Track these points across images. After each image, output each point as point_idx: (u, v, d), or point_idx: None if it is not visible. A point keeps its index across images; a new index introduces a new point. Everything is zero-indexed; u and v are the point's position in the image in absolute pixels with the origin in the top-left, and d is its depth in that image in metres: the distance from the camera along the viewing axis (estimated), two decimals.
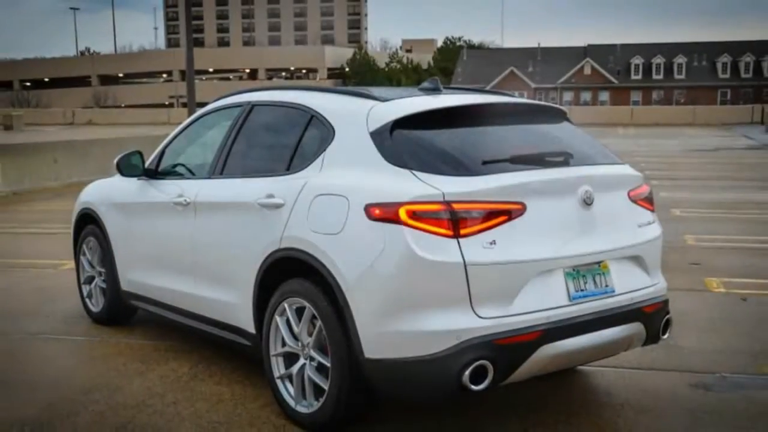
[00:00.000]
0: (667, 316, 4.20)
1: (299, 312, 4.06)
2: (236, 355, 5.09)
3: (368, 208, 3.68)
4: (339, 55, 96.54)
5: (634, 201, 4.22)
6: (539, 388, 4.56)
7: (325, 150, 4.16)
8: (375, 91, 4.37)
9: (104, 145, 20.00)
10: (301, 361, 4.08)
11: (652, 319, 4.09)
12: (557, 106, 4.77)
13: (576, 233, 3.86)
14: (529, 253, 3.66)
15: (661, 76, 74.06)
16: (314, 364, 4.00)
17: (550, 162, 4.00)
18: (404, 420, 4.20)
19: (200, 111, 5.57)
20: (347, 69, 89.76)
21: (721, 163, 21.83)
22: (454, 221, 3.55)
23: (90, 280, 6.25)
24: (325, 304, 3.84)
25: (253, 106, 4.91)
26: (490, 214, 3.60)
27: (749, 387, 4.66)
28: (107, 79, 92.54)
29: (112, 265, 5.84)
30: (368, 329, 3.65)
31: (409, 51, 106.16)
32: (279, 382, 4.21)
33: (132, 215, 5.64)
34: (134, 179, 5.62)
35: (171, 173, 5.47)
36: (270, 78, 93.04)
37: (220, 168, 4.87)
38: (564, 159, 4.05)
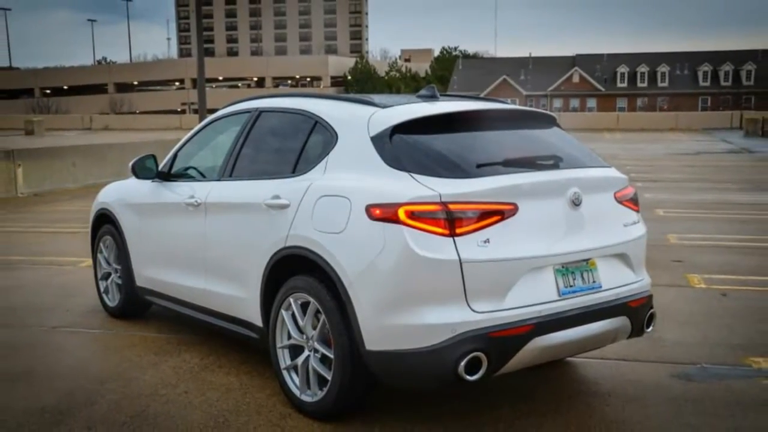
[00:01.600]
0: (651, 311, 4.20)
1: (304, 307, 4.06)
2: (244, 347, 5.09)
3: (369, 209, 3.68)
4: (341, 64, 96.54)
5: (620, 202, 4.22)
6: (530, 379, 4.56)
7: (328, 153, 4.16)
8: (375, 98, 4.37)
9: (120, 149, 20.00)
10: (306, 352, 4.08)
11: (637, 313, 4.09)
12: (547, 112, 4.77)
13: (565, 232, 3.86)
14: (521, 251, 3.66)
15: (645, 84, 74.07)
16: (318, 355, 4.00)
17: (541, 165, 4.00)
18: (403, 409, 4.19)
19: (211, 117, 5.57)
20: (349, 77, 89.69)
21: (702, 166, 21.82)
22: (450, 221, 3.55)
23: (107, 276, 6.25)
24: (329, 299, 3.84)
25: (260, 112, 4.91)
26: (484, 214, 3.60)
27: (728, 377, 4.66)
28: (123, 87, 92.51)
29: (127, 262, 5.84)
30: (369, 323, 3.65)
31: (407, 60, 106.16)
32: (285, 373, 4.21)
33: (146, 215, 5.64)
34: (148, 181, 5.63)
35: (183, 175, 5.47)
36: (276, 86, 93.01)
37: (230, 170, 4.87)
38: (554, 162, 4.05)
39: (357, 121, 4.12)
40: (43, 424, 4.04)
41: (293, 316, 4.13)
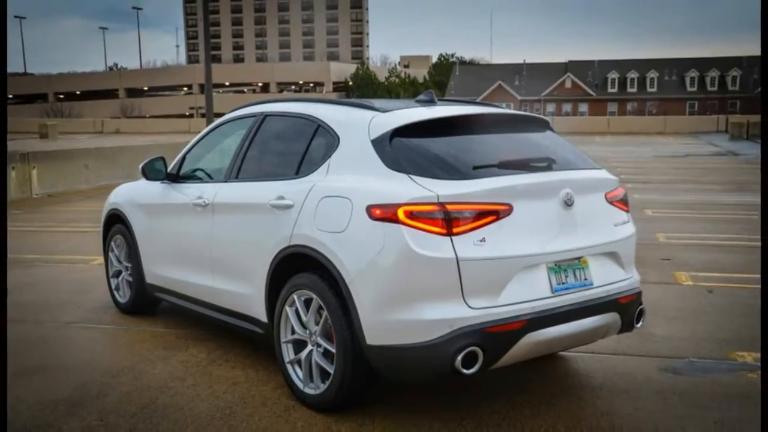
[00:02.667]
0: (641, 307, 4.20)
1: (307, 303, 4.06)
2: (250, 342, 5.09)
3: (370, 209, 3.67)
4: (343, 70, 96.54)
5: (611, 202, 4.22)
6: (525, 372, 4.56)
7: (330, 156, 4.16)
8: (376, 102, 4.37)
9: (130, 151, 20.00)
10: (309, 347, 4.08)
11: (627, 309, 4.09)
12: (541, 116, 4.76)
13: (558, 231, 3.86)
14: (515, 249, 3.66)
15: (635, 89, 74.07)
16: (321, 350, 4.00)
17: (535, 167, 4.00)
18: (402, 401, 4.19)
19: (217, 121, 5.57)
20: (351, 83, 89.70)
21: (689, 168, 21.82)
22: (448, 221, 3.54)
23: (117, 274, 6.25)
24: (331, 296, 3.83)
25: (265, 117, 4.91)
26: (480, 214, 3.60)
27: (714, 371, 4.66)
28: (133, 92, 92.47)
29: (137, 261, 5.84)
30: (370, 318, 3.65)
31: (406, 66, 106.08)
32: (289, 367, 4.21)
33: (156, 215, 5.64)
34: (158, 182, 5.62)
35: (191, 177, 5.46)
36: (281, 91, 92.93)
37: (236, 172, 4.87)
38: (547, 164, 4.05)
39: (358, 125, 4.12)
40: (56, 416, 4.04)
41: (297, 312, 4.13)
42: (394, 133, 3.94)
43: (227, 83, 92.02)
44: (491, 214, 3.63)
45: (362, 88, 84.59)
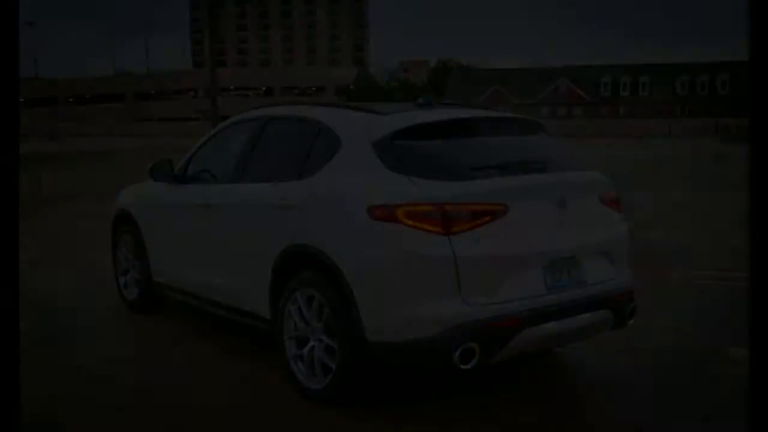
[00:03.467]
0: (633, 304, 4.20)
1: (309, 300, 4.06)
2: (254, 338, 5.09)
3: (370, 209, 3.68)
4: (344, 74, 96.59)
5: (604, 203, 4.22)
6: (518, 368, 4.56)
7: (332, 158, 4.16)
8: (376, 106, 4.37)
9: (138, 153, 20.01)
10: (311, 343, 4.08)
11: (620, 306, 4.09)
12: (536, 119, 4.77)
13: (553, 231, 3.86)
14: (511, 248, 3.66)
15: (627, 93, 74.18)
16: (323, 345, 4.00)
17: (530, 168, 4.00)
18: (403, 396, 4.19)
19: (223, 124, 5.57)
20: (352, 87, 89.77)
21: (680, 169, 21.82)
22: (446, 220, 3.55)
23: (125, 271, 6.25)
24: (332, 294, 3.84)
25: (269, 120, 4.91)
26: (478, 214, 3.61)
27: (705, 364, 4.67)
28: (141, 96, 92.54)
29: (145, 259, 5.85)
30: (370, 315, 3.65)
31: (405, 71, 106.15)
32: (292, 362, 4.21)
33: (162, 215, 5.64)
34: (164, 183, 5.63)
35: (197, 178, 5.47)
36: (284, 95, 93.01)
37: (240, 174, 4.87)
38: (542, 166, 4.05)
39: (359, 128, 4.12)
40: (63, 411, 4.04)
41: (299, 308, 4.13)
42: (393, 136, 3.94)
43: (232, 87, 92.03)
44: (488, 214, 3.63)
45: (363, 92, 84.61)
